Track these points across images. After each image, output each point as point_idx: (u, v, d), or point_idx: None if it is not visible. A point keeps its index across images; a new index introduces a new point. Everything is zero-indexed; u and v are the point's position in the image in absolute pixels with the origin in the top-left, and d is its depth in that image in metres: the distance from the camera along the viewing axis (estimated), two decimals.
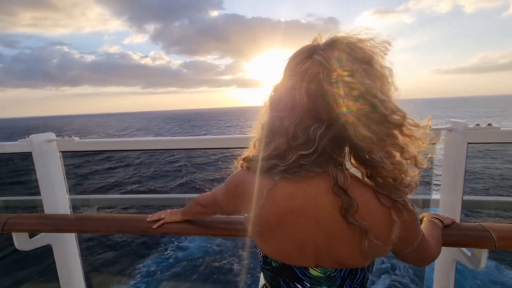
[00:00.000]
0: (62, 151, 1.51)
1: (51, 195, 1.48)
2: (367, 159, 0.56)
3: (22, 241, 1.30)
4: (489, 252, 0.97)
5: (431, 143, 0.58)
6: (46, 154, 1.45)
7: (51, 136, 1.48)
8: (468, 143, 1.11)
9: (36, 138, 1.41)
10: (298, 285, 0.63)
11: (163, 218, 1.12)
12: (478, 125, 1.12)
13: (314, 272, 0.62)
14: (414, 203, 0.59)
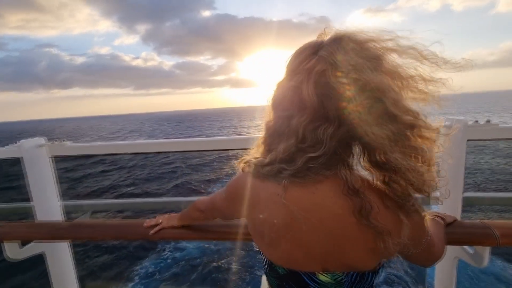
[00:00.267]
0: (54, 156, 1.47)
1: (43, 202, 1.43)
2: (381, 161, 0.53)
3: (13, 251, 1.25)
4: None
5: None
6: (37, 160, 1.40)
7: (42, 141, 1.43)
8: (468, 140, 1.10)
9: (26, 143, 1.37)
10: None
11: (161, 223, 1.09)
12: (477, 122, 1.12)
13: (323, 277, 0.60)
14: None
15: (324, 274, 0.60)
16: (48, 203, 1.45)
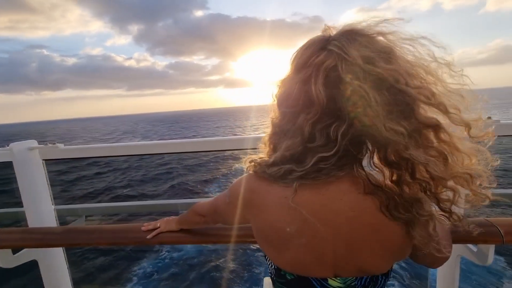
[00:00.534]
0: (46, 159, 1.42)
1: (35, 207, 1.38)
2: (394, 159, 0.50)
3: (5, 258, 1.20)
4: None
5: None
6: (28, 163, 1.35)
7: (33, 144, 1.38)
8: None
9: (17, 146, 1.32)
10: None
11: (159, 228, 1.05)
12: None
13: (334, 283, 0.58)
14: None
15: (335, 280, 0.58)
16: (41, 208, 1.40)
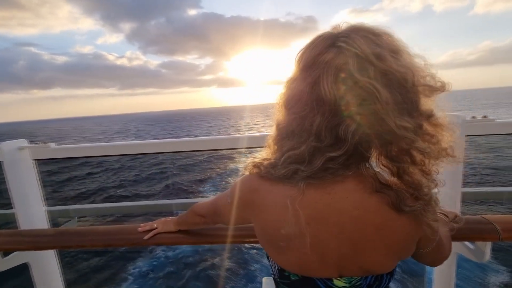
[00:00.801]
0: (37, 159, 1.38)
1: (26, 208, 1.34)
2: (399, 154, 0.51)
3: None
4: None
5: None
6: (18, 163, 1.31)
7: (23, 143, 1.34)
8: (466, 136, 1.11)
9: (6, 146, 1.27)
10: None
11: (156, 228, 1.03)
12: (474, 118, 1.13)
13: (339, 283, 0.57)
14: None
15: (340, 279, 0.57)
16: (32, 209, 1.36)
